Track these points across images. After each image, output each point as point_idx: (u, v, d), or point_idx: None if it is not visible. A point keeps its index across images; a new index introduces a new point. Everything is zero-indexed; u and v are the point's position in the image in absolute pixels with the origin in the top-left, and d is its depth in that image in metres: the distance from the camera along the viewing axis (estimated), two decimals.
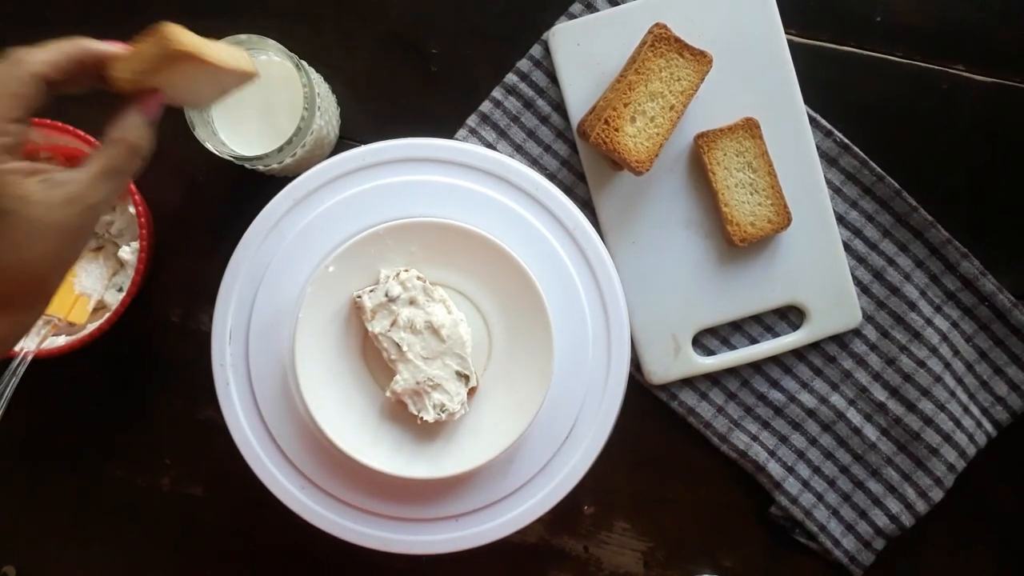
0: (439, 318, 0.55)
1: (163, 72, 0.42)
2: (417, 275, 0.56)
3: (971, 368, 0.66)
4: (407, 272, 0.56)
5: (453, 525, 0.60)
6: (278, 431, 0.59)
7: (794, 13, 0.64)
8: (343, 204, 0.59)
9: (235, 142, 0.59)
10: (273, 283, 0.59)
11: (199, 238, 0.66)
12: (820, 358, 0.66)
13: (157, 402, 0.66)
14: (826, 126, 0.65)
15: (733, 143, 0.62)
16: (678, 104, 0.59)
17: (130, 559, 0.68)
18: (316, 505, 0.59)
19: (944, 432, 0.65)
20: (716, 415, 0.66)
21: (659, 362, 0.65)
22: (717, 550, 0.67)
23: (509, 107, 0.65)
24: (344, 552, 0.60)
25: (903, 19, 0.65)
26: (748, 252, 0.64)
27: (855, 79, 0.65)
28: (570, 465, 0.60)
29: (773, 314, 0.66)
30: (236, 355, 0.59)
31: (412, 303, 0.56)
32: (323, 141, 0.61)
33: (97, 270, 0.65)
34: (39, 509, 0.67)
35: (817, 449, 0.66)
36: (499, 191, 0.59)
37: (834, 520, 0.66)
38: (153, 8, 0.65)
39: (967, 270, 0.65)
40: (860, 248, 0.65)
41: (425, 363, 0.56)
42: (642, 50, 0.58)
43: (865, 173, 0.65)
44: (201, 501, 0.67)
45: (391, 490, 0.59)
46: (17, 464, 0.67)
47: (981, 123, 0.66)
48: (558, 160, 0.65)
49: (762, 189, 0.62)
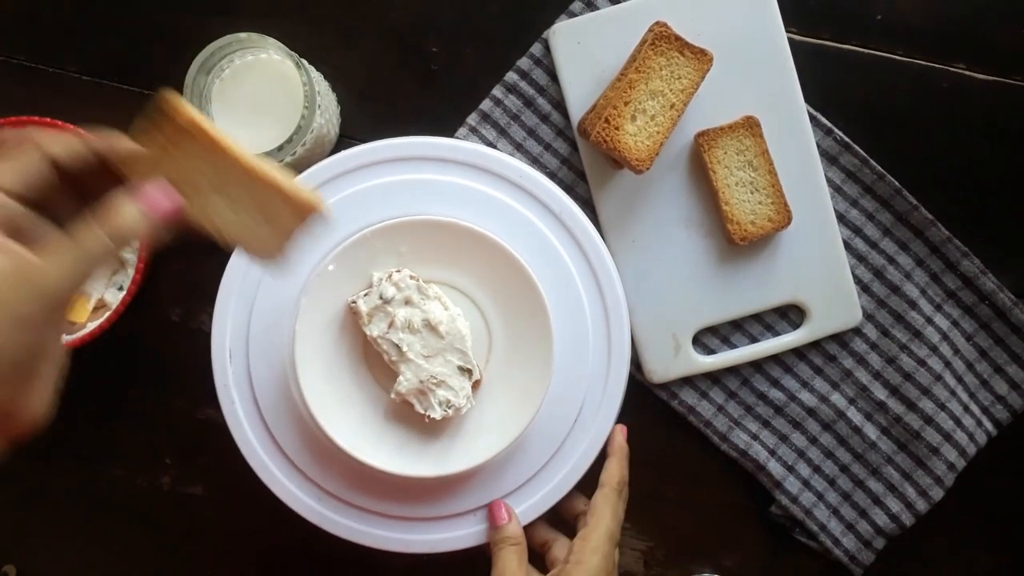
0: (436, 315, 0.55)
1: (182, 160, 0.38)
2: (410, 274, 0.56)
3: (971, 367, 0.66)
4: (399, 272, 0.56)
5: (453, 524, 0.60)
6: (278, 430, 0.59)
7: (795, 11, 0.64)
8: (344, 202, 0.58)
9: (235, 141, 0.59)
10: (273, 283, 0.59)
11: (199, 238, 0.65)
12: (820, 357, 0.66)
13: (157, 402, 0.66)
14: (826, 124, 0.65)
15: (733, 141, 0.62)
16: (678, 103, 0.59)
17: (130, 559, 0.68)
18: (316, 504, 0.59)
19: (944, 431, 0.65)
20: (716, 414, 0.66)
21: (659, 361, 0.65)
22: (717, 549, 0.67)
23: (509, 105, 0.65)
24: (344, 551, 0.60)
25: (904, 18, 0.65)
26: (748, 251, 0.64)
27: (856, 78, 0.65)
28: (570, 465, 0.60)
29: (773, 313, 0.66)
30: (236, 355, 0.59)
31: (407, 303, 0.56)
32: (323, 140, 0.61)
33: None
34: (39, 509, 0.67)
35: (817, 448, 0.66)
36: (499, 189, 0.59)
37: (834, 519, 0.66)
38: (154, 6, 0.64)
39: (967, 269, 0.65)
40: (860, 247, 0.65)
41: (427, 361, 0.56)
42: (643, 48, 0.58)
43: (865, 171, 0.65)
44: (201, 501, 0.67)
45: (392, 489, 0.59)
46: (17, 464, 0.67)
47: (982, 122, 0.66)
48: (558, 158, 0.65)
49: (762, 188, 0.62)
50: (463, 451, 0.57)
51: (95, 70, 0.65)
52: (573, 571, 0.54)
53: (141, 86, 0.65)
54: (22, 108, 0.61)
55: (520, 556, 0.57)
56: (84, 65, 0.65)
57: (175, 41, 0.63)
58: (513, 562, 0.56)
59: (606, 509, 0.57)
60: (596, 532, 0.56)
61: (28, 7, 0.65)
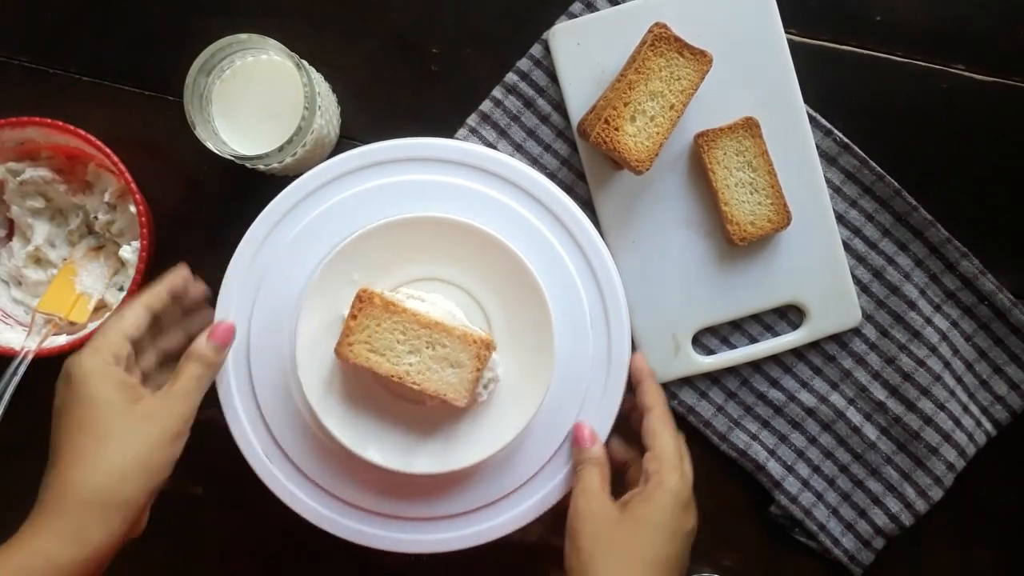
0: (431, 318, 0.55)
1: (380, 332, 0.54)
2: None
3: (971, 367, 0.66)
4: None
5: (453, 524, 0.60)
6: (279, 430, 0.59)
7: (794, 12, 0.64)
8: (344, 203, 0.59)
9: (236, 142, 0.59)
10: (273, 282, 0.59)
11: (199, 238, 0.66)
12: (820, 357, 0.66)
13: None
14: (826, 125, 0.65)
15: (733, 142, 0.62)
16: (678, 103, 0.59)
17: (130, 559, 0.68)
18: (317, 504, 0.59)
19: (944, 431, 0.65)
20: (716, 414, 0.66)
21: (659, 361, 0.65)
22: (717, 549, 0.67)
23: (509, 106, 0.65)
24: (344, 551, 0.60)
25: (903, 19, 0.65)
26: (748, 251, 0.64)
27: (855, 78, 0.65)
28: (570, 465, 0.60)
29: (773, 313, 0.66)
30: (237, 355, 0.59)
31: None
32: (323, 141, 0.61)
33: (98, 269, 0.65)
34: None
35: (817, 448, 0.66)
36: (499, 190, 0.59)
37: (834, 519, 0.66)
38: (154, 7, 0.65)
39: (967, 269, 0.65)
40: (860, 247, 0.65)
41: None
42: (642, 49, 0.58)
43: (865, 172, 0.65)
44: (201, 501, 0.67)
45: (392, 489, 0.59)
46: (17, 464, 0.67)
47: (981, 122, 0.66)
48: (558, 159, 0.65)
49: (762, 188, 0.62)
50: (461, 449, 0.57)
51: (96, 71, 0.65)
52: (654, 493, 0.54)
53: (142, 87, 0.65)
54: (23, 109, 0.61)
55: (603, 475, 0.57)
56: (85, 66, 0.65)
57: (175, 42, 0.63)
58: (596, 481, 0.56)
59: (663, 429, 0.57)
60: (666, 451, 0.55)
61: (29, 8, 0.65)
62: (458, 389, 0.54)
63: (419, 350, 0.54)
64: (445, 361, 0.54)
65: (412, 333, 0.54)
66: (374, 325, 0.53)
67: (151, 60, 0.65)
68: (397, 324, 0.53)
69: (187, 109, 0.56)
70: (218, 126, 0.59)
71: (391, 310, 0.53)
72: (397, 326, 0.53)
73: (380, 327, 0.53)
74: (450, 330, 0.53)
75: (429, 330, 0.53)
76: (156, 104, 0.65)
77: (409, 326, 0.53)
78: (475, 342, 0.53)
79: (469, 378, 0.54)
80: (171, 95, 0.65)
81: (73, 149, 0.63)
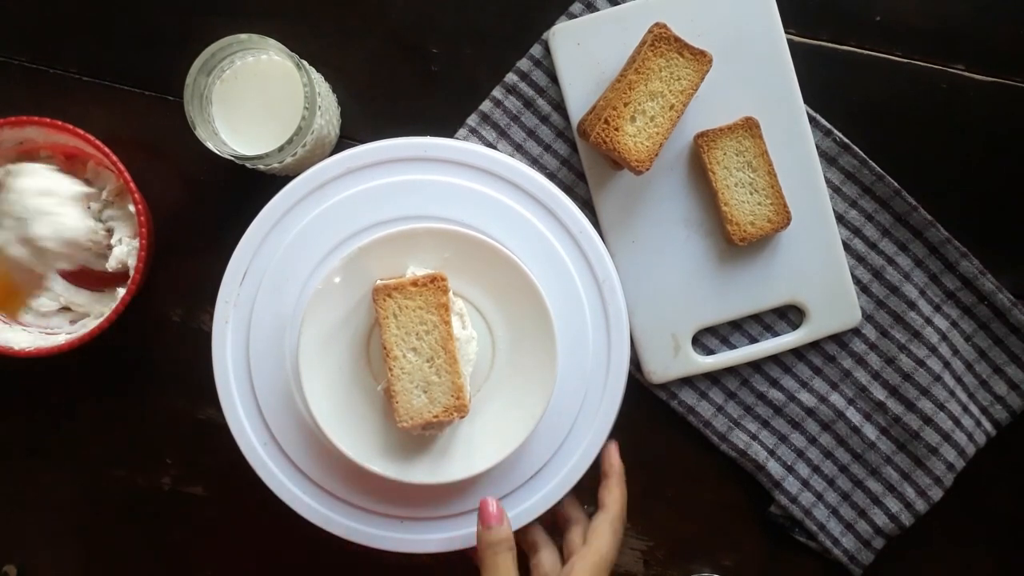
0: (455, 331, 0.55)
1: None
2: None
3: (970, 367, 0.66)
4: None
5: (453, 524, 0.60)
6: (279, 430, 0.59)
7: (794, 13, 0.64)
8: (344, 203, 0.59)
9: (236, 142, 0.59)
10: (274, 283, 0.59)
11: (199, 238, 0.66)
12: (819, 357, 0.66)
13: (157, 402, 0.66)
14: (826, 125, 0.65)
15: (733, 142, 0.62)
16: (678, 104, 0.59)
17: (130, 559, 0.68)
18: (317, 504, 0.59)
19: (943, 431, 0.65)
20: (716, 414, 0.66)
21: (659, 361, 0.65)
22: (717, 549, 0.67)
23: (509, 106, 0.65)
24: (344, 551, 0.60)
25: (903, 19, 0.65)
26: (748, 251, 0.64)
27: (855, 79, 0.65)
28: (570, 465, 0.60)
29: (773, 313, 0.66)
30: (237, 355, 0.59)
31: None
32: (323, 141, 0.61)
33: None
34: (39, 509, 0.67)
35: (817, 448, 0.66)
36: (499, 190, 0.59)
37: (833, 519, 0.66)
38: (155, 7, 0.65)
39: (967, 269, 0.65)
40: (859, 247, 0.65)
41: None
42: (642, 50, 0.58)
43: (864, 172, 0.65)
44: (201, 501, 0.67)
45: (392, 490, 0.59)
46: (17, 464, 0.67)
47: (981, 123, 0.66)
48: (558, 159, 0.65)
49: (762, 188, 0.62)
50: (466, 457, 0.57)
51: (96, 71, 0.65)
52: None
53: (142, 87, 0.65)
54: (23, 109, 0.61)
55: (515, 561, 0.53)
56: (85, 66, 0.65)
57: (176, 42, 0.63)
58: (510, 570, 0.53)
59: (607, 533, 0.56)
60: (595, 556, 0.54)
61: (29, 8, 0.65)
62: (413, 416, 0.54)
63: (420, 352, 0.54)
64: (425, 383, 0.54)
65: (431, 337, 0.54)
66: (416, 302, 0.54)
67: (151, 60, 0.65)
68: (429, 319, 0.54)
69: (187, 109, 0.56)
70: (218, 126, 0.59)
71: (438, 304, 0.54)
72: (429, 319, 0.54)
73: (417, 308, 0.54)
74: (454, 371, 0.54)
75: (444, 352, 0.54)
76: (156, 104, 0.65)
77: (435, 328, 0.54)
78: (458, 398, 0.54)
79: (427, 416, 0.54)
80: (171, 95, 0.65)
81: (72, 148, 0.63)
